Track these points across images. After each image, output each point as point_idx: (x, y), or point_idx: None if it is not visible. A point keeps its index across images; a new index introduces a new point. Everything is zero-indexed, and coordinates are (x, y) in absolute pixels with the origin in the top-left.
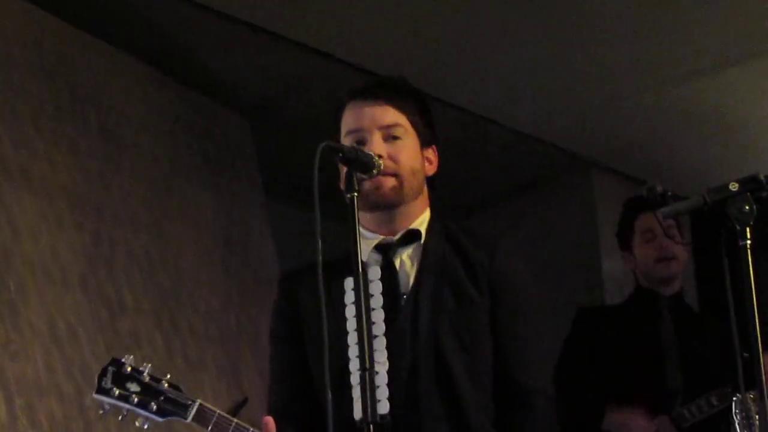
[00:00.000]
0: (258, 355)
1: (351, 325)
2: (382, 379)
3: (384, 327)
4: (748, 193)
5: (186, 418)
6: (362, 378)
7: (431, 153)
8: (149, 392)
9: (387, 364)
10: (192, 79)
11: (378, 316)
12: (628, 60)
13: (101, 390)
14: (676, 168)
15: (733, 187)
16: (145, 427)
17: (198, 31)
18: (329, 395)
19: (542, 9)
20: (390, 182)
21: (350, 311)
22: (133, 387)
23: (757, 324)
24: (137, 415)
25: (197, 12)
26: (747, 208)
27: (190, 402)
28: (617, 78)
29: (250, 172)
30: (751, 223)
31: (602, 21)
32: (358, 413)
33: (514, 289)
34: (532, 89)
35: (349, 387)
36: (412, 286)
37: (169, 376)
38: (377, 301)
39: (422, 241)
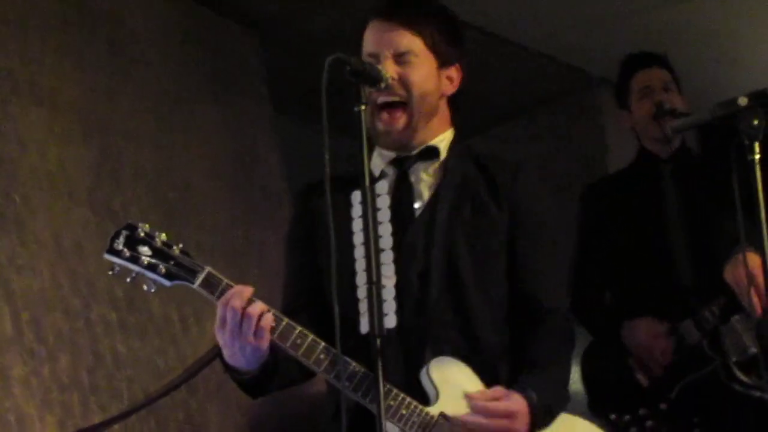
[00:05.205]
0: (265, 270)
1: (358, 239)
2: (389, 293)
3: (392, 241)
4: (758, 108)
5: (193, 283)
6: (369, 292)
7: (454, 71)
8: (160, 256)
9: (395, 278)
10: None
11: (386, 230)
12: None
13: (112, 251)
14: (686, 85)
15: (743, 101)
16: (152, 290)
17: None
18: (336, 310)
19: None
20: (400, 122)
21: (357, 225)
22: (145, 250)
23: (765, 237)
24: (145, 277)
25: None
26: (756, 122)
27: (199, 268)
28: None
29: (258, 88)
30: (761, 137)
31: None
32: (365, 327)
33: (535, 210)
34: (539, 5)
35: (356, 301)
36: (430, 198)
37: (181, 245)
38: (385, 214)
39: (442, 158)
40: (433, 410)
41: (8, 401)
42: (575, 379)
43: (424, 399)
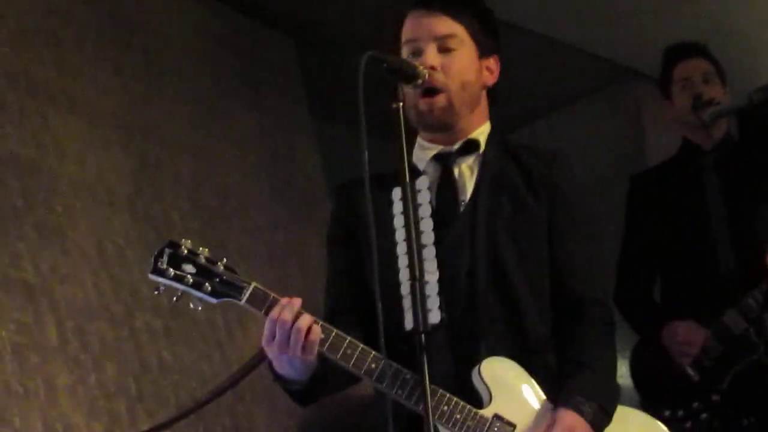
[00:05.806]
0: (306, 272)
1: (400, 235)
2: (432, 288)
3: (433, 236)
4: None
5: (240, 300)
6: (412, 288)
7: (492, 62)
8: (204, 274)
9: (437, 273)
10: None
11: (427, 225)
12: None
13: (157, 270)
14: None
15: None
16: (199, 308)
17: None
18: (379, 306)
19: None
20: (440, 102)
21: (398, 222)
22: (189, 268)
23: None
24: (191, 296)
25: None
26: None
27: (245, 284)
28: None
29: (294, 91)
30: None
31: None
32: (409, 323)
33: (572, 200)
34: (576, 1)
35: (400, 297)
36: (471, 194)
37: (225, 260)
38: (426, 210)
39: (481, 151)
40: (487, 412)
41: (55, 410)
42: (622, 373)
43: (475, 398)
